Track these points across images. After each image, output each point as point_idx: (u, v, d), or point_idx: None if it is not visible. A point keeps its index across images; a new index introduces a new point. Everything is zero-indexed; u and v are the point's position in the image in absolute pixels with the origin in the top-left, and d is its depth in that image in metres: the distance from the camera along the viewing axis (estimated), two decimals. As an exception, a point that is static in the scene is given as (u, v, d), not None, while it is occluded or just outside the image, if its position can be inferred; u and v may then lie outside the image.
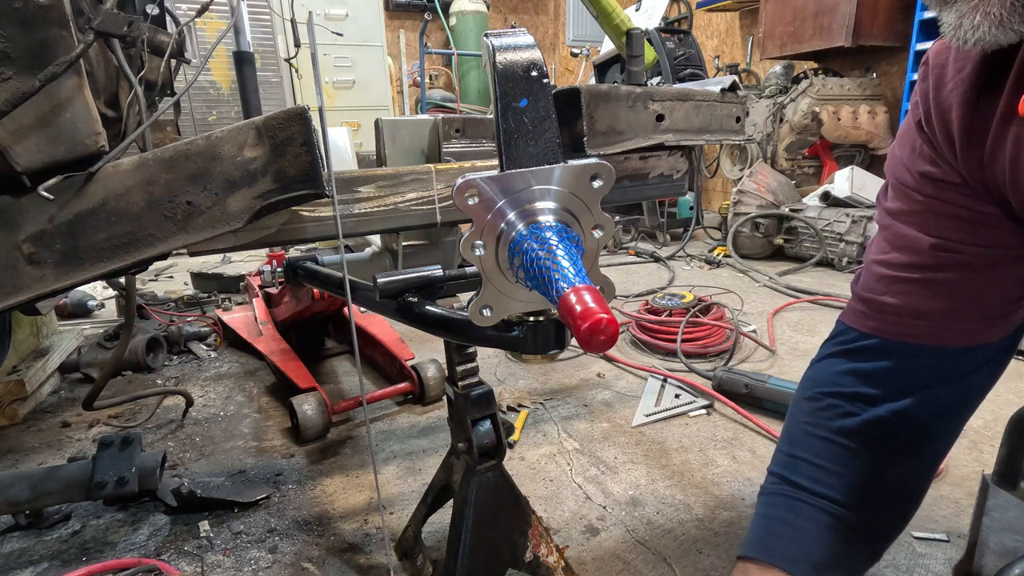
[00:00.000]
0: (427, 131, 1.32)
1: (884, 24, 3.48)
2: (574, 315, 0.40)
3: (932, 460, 0.74)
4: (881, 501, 0.71)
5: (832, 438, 0.72)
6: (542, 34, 7.26)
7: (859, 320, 0.74)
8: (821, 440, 0.72)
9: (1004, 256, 0.64)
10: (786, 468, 0.74)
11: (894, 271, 0.69)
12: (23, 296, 0.69)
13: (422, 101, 5.58)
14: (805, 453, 0.73)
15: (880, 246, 0.72)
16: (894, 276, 0.69)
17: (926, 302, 0.67)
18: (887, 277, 0.70)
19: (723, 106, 1.13)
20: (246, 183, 0.74)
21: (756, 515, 0.75)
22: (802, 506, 0.70)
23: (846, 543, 0.69)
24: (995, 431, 1.47)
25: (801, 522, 0.69)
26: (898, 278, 0.68)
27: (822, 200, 3.34)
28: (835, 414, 0.73)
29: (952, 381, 0.70)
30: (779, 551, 0.68)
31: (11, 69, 0.63)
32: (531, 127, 0.50)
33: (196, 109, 4.38)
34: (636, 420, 1.60)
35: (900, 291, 0.68)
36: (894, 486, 0.72)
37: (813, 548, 0.67)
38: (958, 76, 0.60)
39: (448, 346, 0.93)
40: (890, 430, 0.70)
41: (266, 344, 1.92)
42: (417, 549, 1.06)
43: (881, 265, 0.71)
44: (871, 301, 0.72)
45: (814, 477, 0.71)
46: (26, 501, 1.13)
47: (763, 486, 0.77)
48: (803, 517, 0.69)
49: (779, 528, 0.70)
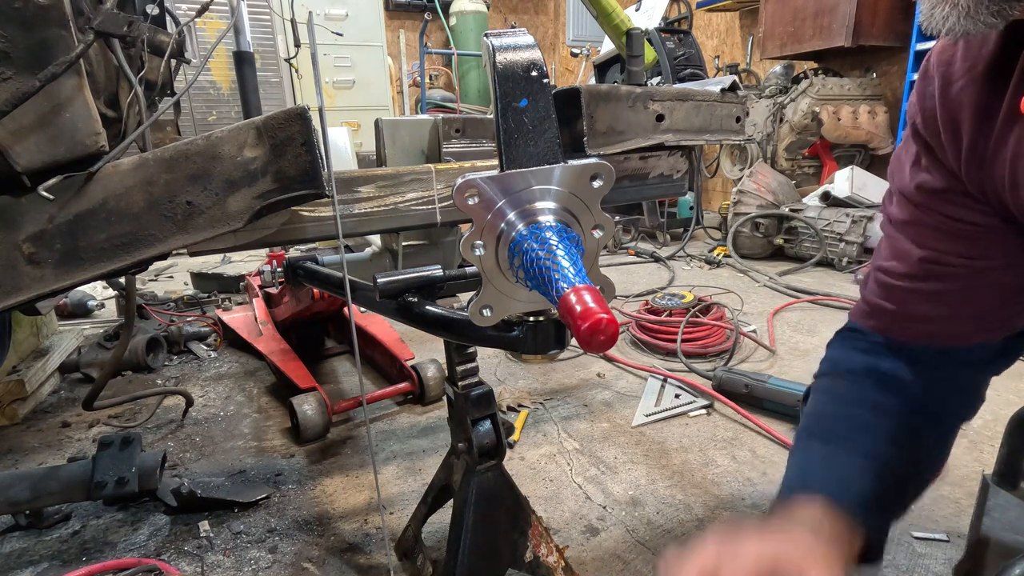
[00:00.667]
0: (427, 131, 1.32)
1: (884, 24, 3.48)
2: (574, 315, 0.40)
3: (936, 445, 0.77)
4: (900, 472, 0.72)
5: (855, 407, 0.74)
6: (542, 34, 7.26)
7: (864, 320, 0.78)
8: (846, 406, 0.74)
9: (992, 265, 0.66)
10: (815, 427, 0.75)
11: (891, 278, 0.72)
12: (23, 296, 0.69)
13: (422, 101, 5.58)
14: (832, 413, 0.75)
15: (882, 253, 0.75)
16: (891, 284, 0.72)
17: (918, 308, 0.70)
18: (885, 284, 0.73)
19: (723, 106, 1.13)
20: (246, 183, 0.74)
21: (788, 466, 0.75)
22: (838, 450, 0.71)
23: (884, 484, 0.70)
24: (995, 431, 1.47)
25: (841, 459, 0.70)
26: (894, 285, 0.72)
27: (822, 200, 3.34)
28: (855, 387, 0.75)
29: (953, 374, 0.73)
30: (822, 484, 0.67)
31: (11, 69, 0.63)
32: (531, 127, 0.50)
33: (196, 109, 4.38)
34: (636, 420, 1.60)
35: (896, 297, 0.72)
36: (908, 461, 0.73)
37: (859, 481, 0.68)
38: (969, 75, 0.59)
39: (448, 346, 0.93)
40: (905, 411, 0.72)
41: (266, 344, 1.92)
42: (417, 549, 1.06)
43: (881, 272, 0.74)
44: (873, 304, 0.75)
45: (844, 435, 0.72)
46: (26, 501, 1.13)
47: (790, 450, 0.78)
48: (841, 458, 0.70)
49: (818, 467, 0.71)
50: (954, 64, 0.61)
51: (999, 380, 0.75)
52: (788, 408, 1.53)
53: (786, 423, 1.54)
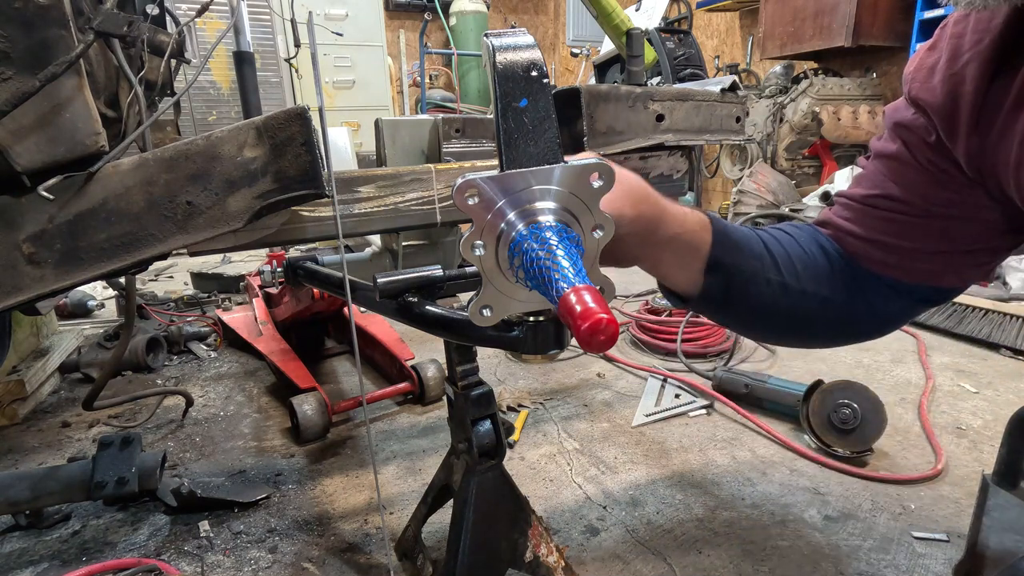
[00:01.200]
0: (427, 131, 1.31)
1: (884, 24, 3.48)
2: (574, 315, 0.40)
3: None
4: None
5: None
6: (542, 34, 7.26)
7: (820, 226, 0.79)
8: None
9: (958, 212, 0.67)
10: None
11: (856, 202, 0.74)
12: (23, 296, 0.69)
13: (422, 101, 5.58)
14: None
15: (854, 182, 0.77)
16: (855, 207, 0.74)
17: (882, 235, 0.71)
18: (845, 204, 0.75)
19: (723, 106, 1.13)
20: (246, 183, 0.74)
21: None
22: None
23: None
24: (995, 431, 1.47)
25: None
26: (860, 210, 0.73)
27: (822, 200, 3.33)
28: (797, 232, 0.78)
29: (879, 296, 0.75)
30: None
31: (11, 69, 0.63)
32: (531, 127, 0.50)
33: (196, 109, 4.38)
34: (636, 420, 1.60)
35: (856, 219, 0.73)
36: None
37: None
38: (975, 48, 0.59)
39: (448, 346, 0.93)
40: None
41: (266, 344, 1.92)
42: (417, 549, 1.06)
43: (846, 197, 0.76)
44: (832, 223, 0.76)
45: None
46: (26, 501, 1.13)
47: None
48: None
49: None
50: (964, 37, 0.61)
51: (999, 380, 0.75)
52: (788, 408, 1.53)
53: (786, 423, 1.54)
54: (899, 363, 1.93)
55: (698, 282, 0.69)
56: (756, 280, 0.71)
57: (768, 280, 0.71)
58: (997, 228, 0.67)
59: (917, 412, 1.58)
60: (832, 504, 1.22)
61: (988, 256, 0.71)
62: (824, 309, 0.75)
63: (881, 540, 1.12)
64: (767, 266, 0.71)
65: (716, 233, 0.68)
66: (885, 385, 1.76)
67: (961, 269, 0.72)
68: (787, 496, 1.26)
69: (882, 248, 0.71)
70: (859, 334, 0.81)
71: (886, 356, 1.98)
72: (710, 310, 0.75)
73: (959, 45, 0.61)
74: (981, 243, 0.69)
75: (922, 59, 0.67)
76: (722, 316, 0.80)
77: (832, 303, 0.74)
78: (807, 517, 1.19)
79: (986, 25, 0.58)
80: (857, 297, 0.74)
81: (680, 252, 0.66)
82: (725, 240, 0.68)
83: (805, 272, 0.73)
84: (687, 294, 0.71)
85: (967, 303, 2.13)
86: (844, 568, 1.05)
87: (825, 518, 1.18)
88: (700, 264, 0.68)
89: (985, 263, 0.72)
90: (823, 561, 1.07)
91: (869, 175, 0.74)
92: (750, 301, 0.72)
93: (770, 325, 0.78)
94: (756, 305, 0.73)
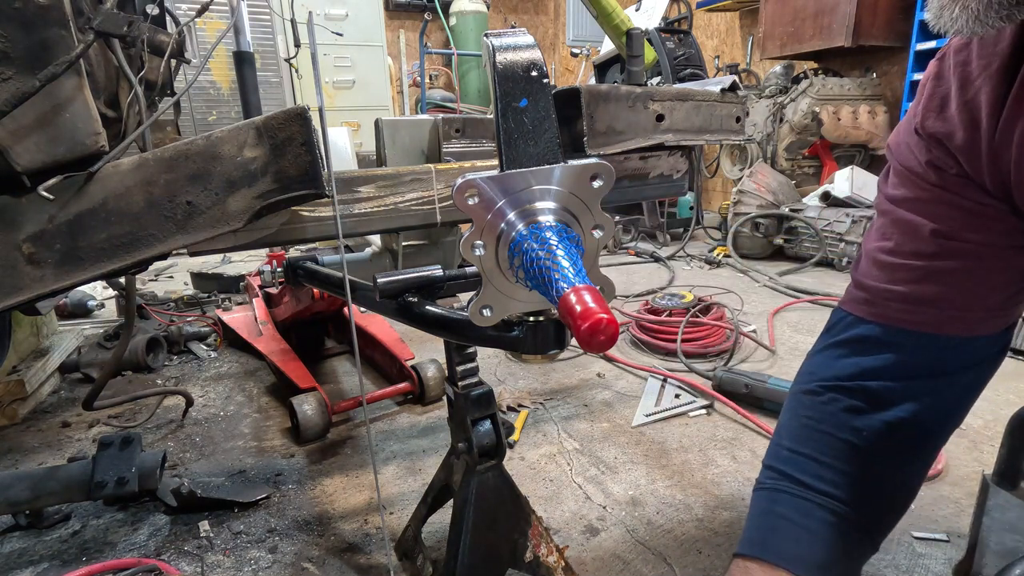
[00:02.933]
0: (427, 131, 1.31)
1: (884, 24, 3.48)
2: (574, 315, 0.40)
3: (930, 457, 0.74)
4: (883, 499, 0.71)
5: (836, 434, 0.71)
6: (542, 34, 7.26)
7: (860, 307, 0.73)
8: (825, 436, 0.71)
9: (1005, 248, 0.64)
10: (787, 464, 0.73)
11: (897, 258, 0.68)
12: (23, 296, 0.69)
13: (422, 101, 5.58)
14: (808, 449, 0.72)
15: (882, 232, 0.71)
16: (897, 263, 0.68)
17: (928, 289, 0.66)
18: (889, 264, 0.69)
19: (723, 106, 1.13)
20: (246, 183, 0.74)
21: (754, 511, 0.73)
22: (806, 504, 0.69)
23: (848, 541, 0.68)
24: (995, 431, 1.47)
25: (806, 521, 0.68)
26: (900, 265, 0.68)
27: (822, 200, 3.34)
28: (838, 408, 0.71)
29: (952, 375, 0.70)
30: (784, 550, 0.67)
31: (11, 69, 0.63)
32: (531, 127, 0.50)
33: (196, 109, 4.38)
34: (636, 420, 1.60)
35: (902, 278, 0.68)
36: (896, 483, 0.72)
37: (818, 547, 0.67)
38: (984, 73, 0.58)
39: (448, 346, 0.93)
40: (894, 428, 0.69)
41: (266, 344, 1.92)
42: (417, 549, 1.06)
43: (883, 252, 0.70)
44: (872, 288, 0.71)
45: (818, 474, 0.70)
46: (26, 501, 1.13)
47: (759, 480, 0.76)
48: (807, 516, 0.68)
49: (783, 526, 0.69)
50: (971, 64, 0.60)
51: (999, 380, 0.74)
52: (788, 408, 1.53)
53: (786, 423, 1.54)
54: (899, 363, 1.93)
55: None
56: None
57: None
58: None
59: (917, 412, 1.58)
60: (832, 504, 1.22)
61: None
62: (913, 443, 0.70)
63: (881, 540, 1.12)
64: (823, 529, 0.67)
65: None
66: (885, 385, 1.76)
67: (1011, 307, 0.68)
68: (787, 496, 1.26)
69: (944, 304, 0.66)
70: (954, 418, 0.74)
71: (886, 356, 1.98)
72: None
73: (967, 73, 0.60)
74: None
75: (931, 90, 0.64)
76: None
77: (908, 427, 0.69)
78: (807, 517, 1.19)
79: (992, 49, 0.57)
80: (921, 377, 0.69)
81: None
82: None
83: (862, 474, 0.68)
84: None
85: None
86: (844, 568, 1.05)
87: (825, 518, 1.18)
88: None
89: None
90: (823, 561, 1.07)
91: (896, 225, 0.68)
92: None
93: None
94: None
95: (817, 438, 0.72)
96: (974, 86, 0.59)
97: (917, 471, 0.73)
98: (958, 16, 0.49)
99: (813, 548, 0.66)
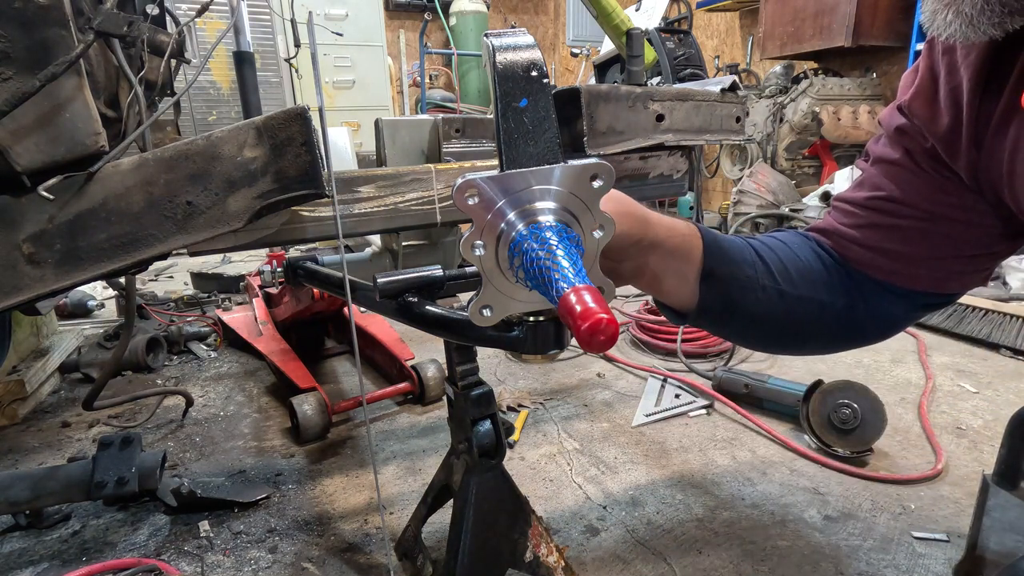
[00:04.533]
0: (427, 131, 1.31)
1: (884, 24, 3.48)
2: (574, 315, 0.39)
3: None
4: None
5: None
6: (542, 34, 7.26)
7: (819, 235, 0.78)
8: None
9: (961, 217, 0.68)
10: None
11: (858, 208, 0.73)
12: (23, 296, 0.69)
13: (422, 101, 5.58)
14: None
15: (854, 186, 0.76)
16: (857, 213, 0.73)
17: (885, 242, 0.71)
18: (851, 213, 0.74)
19: (723, 106, 1.13)
20: (246, 183, 0.74)
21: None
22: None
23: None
24: (995, 431, 1.47)
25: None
26: (862, 216, 0.73)
27: (822, 200, 3.33)
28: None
29: (886, 313, 0.75)
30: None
31: (11, 69, 0.63)
32: (531, 127, 0.50)
33: (196, 109, 4.38)
34: (636, 420, 1.60)
35: (858, 225, 0.73)
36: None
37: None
38: (967, 60, 0.60)
39: (448, 346, 0.93)
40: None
41: (266, 344, 1.92)
42: (417, 549, 1.06)
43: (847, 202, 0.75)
44: (833, 231, 0.76)
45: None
46: (26, 501, 1.13)
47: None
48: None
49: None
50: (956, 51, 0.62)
51: (999, 380, 0.75)
52: (788, 408, 1.53)
53: (786, 423, 1.54)
54: (899, 363, 1.93)
55: (694, 294, 0.69)
56: (752, 288, 0.70)
57: (764, 287, 0.71)
58: (997, 233, 0.67)
59: (917, 412, 1.58)
60: (832, 504, 1.22)
61: (989, 261, 0.71)
62: (822, 314, 0.74)
63: (881, 540, 1.12)
64: (761, 273, 0.71)
65: (707, 242, 0.68)
66: (885, 385, 1.76)
67: (963, 274, 0.72)
68: (787, 496, 1.26)
69: (885, 255, 0.71)
70: (860, 339, 0.81)
71: (886, 356, 1.99)
72: (708, 322, 0.74)
73: (953, 60, 0.62)
74: (982, 248, 0.69)
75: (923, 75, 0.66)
76: (721, 327, 0.79)
77: (831, 308, 0.74)
78: (807, 517, 1.19)
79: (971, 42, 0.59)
80: (857, 302, 0.74)
81: (672, 259, 0.66)
82: (716, 249, 0.68)
83: (801, 278, 0.73)
84: (684, 308, 0.71)
85: (967, 303, 2.13)
86: (844, 568, 1.05)
87: (825, 518, 1.18)
88: (694, 274, 0.67)
89: (985, 268, 0.72)
90: (823, 561, 1.07)
91: (870, 180, 0.73)
92: (748, 310, 0.72)
93: (770, 334, 0.78)
94: (754, 314, 0.72)
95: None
96: (959, 73, 0.61)
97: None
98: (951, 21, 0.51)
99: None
